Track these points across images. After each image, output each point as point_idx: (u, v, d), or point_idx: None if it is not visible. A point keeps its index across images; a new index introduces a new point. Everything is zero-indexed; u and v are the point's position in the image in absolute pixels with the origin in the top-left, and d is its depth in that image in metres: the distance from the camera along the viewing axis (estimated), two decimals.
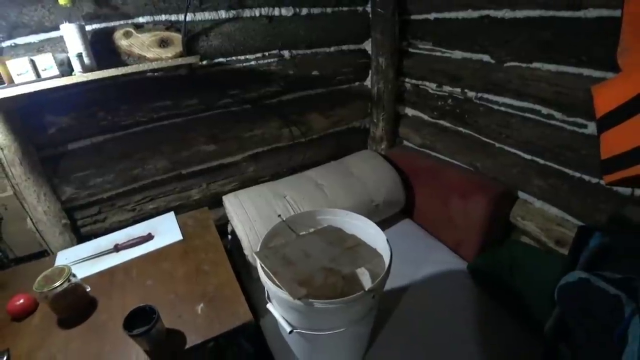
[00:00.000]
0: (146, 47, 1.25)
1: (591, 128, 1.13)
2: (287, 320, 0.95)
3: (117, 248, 1.26)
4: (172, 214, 1.45)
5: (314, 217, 1.20)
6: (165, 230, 1.36)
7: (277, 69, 1.54)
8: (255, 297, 1.35)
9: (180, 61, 1.18)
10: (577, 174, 1.20)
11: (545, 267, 1.21)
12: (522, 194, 1.39)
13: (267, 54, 1.52)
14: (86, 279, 1.13)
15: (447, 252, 1.51)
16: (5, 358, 0.89)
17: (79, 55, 1.00)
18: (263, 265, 0.95)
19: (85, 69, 1.03)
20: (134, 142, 1.39)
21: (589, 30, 1.04)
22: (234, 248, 1.58)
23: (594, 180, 1.16)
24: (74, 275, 1.00)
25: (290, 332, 0.93)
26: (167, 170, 1.49)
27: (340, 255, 1.01)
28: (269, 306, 1.00)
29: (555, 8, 1.10)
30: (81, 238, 1.39)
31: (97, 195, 1.39)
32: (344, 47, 1.69)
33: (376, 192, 1.60)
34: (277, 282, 0.89)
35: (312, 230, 1.16)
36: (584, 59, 1.09)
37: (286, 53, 1.55)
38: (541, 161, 1.29)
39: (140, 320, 0.86)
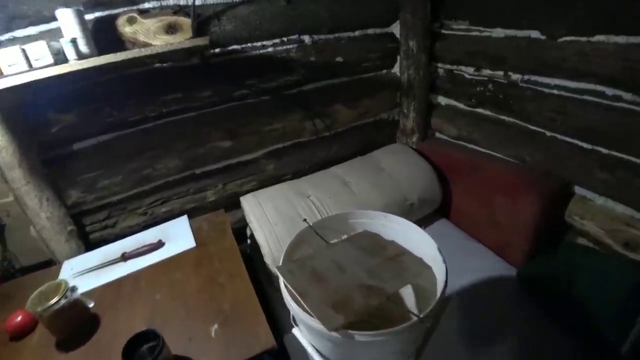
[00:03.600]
0: (152, 34, 1.13)
1: None
2: (317, 349, 0.81)
3: (124, 257, 1.14)
4: (185, 217, 1.33)
5: (346, 221, 1.06)
6: (177, 236, 1.24)
7: (297, 55, 1.40)
8: (278, 310, 1.22)
9: (188, 44, 1.04)
10: None
11: (615, 275, 1.04)
12: (580, 190, 1.21)
13: (285, 39, 1.38)
14: (91, 292, 1.03)
15: (491, 256, 1.34)
16: None
17: (73, 41, 0.88)
18: (287, 284, 0.80)
19: (81, 56, 0.91)
20: (143, 140, 1.27)
21: None
22: (254, 253, 1.45)
23: None
24: (73, 290, 0.89)
25: None
26: (180, 170, 1.37)
27: (381, 269, 0.86)
28: (295, 332, 0.86)
29: None
30: (90, 245, 1.29)
31: (105, 198, 1.28)
32: (370, 31, 1.54)
33: (410, 190, 1.45)
34: (305, 307, 0.73)
35: (344, 237, 1.01)
36: None
37: (306, 38, 1.41)
38: (604, 150, 1.11)
39: (144, 344, 0.74)
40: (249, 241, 1.53)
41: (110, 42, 1.07)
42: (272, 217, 1.30)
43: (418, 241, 0.96)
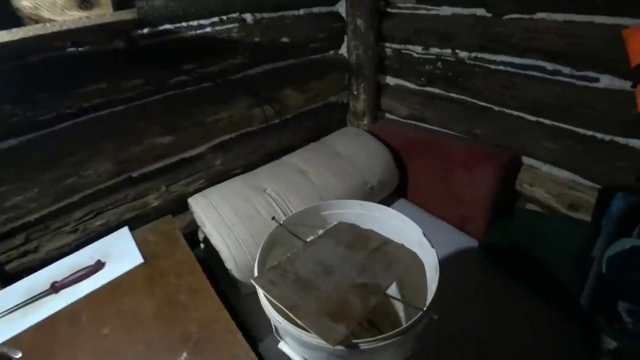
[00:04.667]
0: (60, 9, 0.89)
1: (604, 81, 1.04)
2: None
3: (55, 288, 0.93)
4: (125, 230, 1.14)
5: (318, 214, 0.98)
6: (119, 252, 1.05)
7: (239, 36, 1.26)
8: (249, 322, 1.11)
9: (110, 18, 0.84)
10: (590, 132, 1.11)
11: (567, 235, 1.13)
12: (527, 160, 1.29)
13: (225, 17, 1.22)
14: (17, 339, 0.82)
15: (452, 230, 1.38)
16: None
17: None
18: (271, 299, 0.69)
19: None
20: (62, 142, 1.04)
21: None
22: (209, 258, 1.31)
23: (607, 137, 1.08)
24: None
25: None
26: (113, 175, 1.16)
27: (369, 262, 0.81)
28: (283, 347, 0.76)
29: None
30: (8, 278, 1.03)
31: (20, 218, 1.03)
32: (315, 10, 1.44)
33: (369, 173, 1.42)
34: (300, 323, 0.64)
35: (320, 231, 0.94)
36: (599, 2, 0.98)
37: (248, 16, 1.27)
38: (548, 122, 1.19)
39: None
40: (202, 246, 1.38)
41: (5, 22, 0.83)
42: (228, 218, 1.17)
43: (397, 227, 0.93)
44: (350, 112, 1.72)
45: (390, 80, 1.66)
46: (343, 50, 1.60)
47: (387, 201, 1.54)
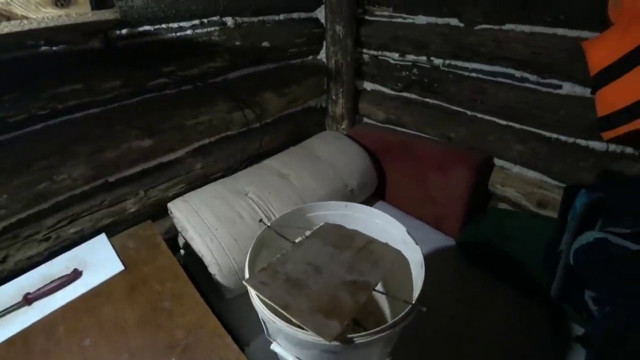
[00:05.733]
0: (34, 6, 0.85)
1: (566, 88, 1.13)
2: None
3: (28, 299, 0.88)
4: (103, 236, 1.10)
5: (304, 216, 0.99)
6: (97, 260, 1.01)
7: (220, 39, 1.25)
8: (234, 327, 1.09)
9: (92, 17, 0.81)
10: (555, 135, 1.20)
11: (536, 231, 1.20)
12: (498, 161, 1.37)
13: (206, 20, 1.21)
14: None
15: (429, 230, 1.43)
16: None
17: None
18: (265, 299, 0.70)
19: None
20: (33, 145, 0.99)
21: None
22: (190, 264, 1.28)
23: (571, 140, 1.17)
24: None
25: None
26: (89, 180, 1.11)
27: (357, 261, 0.83)
28: (275, 348, 0.76)
29: None
30: None
31: None
32: (295, 15, 1.46)
33: (349, 176, 1.45)
34: (295, 321, 0.65)
35: (307, 232, 0.95)
36: (562, 17, 1.06)
37: (229, 20, 1.27)
38: (517, 125, 1.27)
39: None
40: (182, 251, 1.35)
41: None
42: (210, 222, 1.15)
43: (381, 227, 0.96)
44: (329, 116, 1.74)
45: (368, 85, 1.70)
46: (322, 55, 1.63)
47: (367, 203, 1.54)
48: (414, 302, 0.70)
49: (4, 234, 0.99)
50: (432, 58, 1.40)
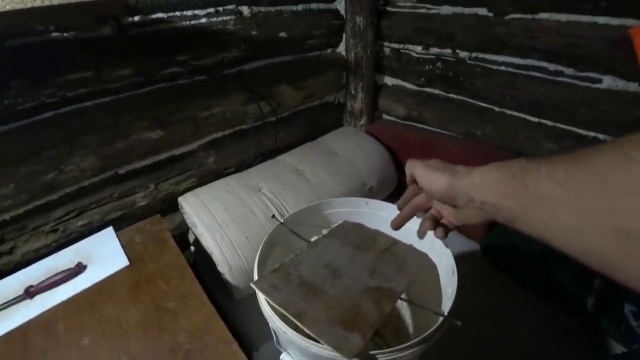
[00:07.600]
0: None
1: (607, 82, 1.04)
2: None
3: (29, 293, 0.84)
4: (110, 230, 1.06)
5: (321, 213, 0.92)
6: (103, 254, 0.97)
7: (235, 28, 1.21)
8: (243, 330, 1.03)
9: None
10: (592, 134, 1.11)
11: None
12: None
13: (221, 9, 1.17)
14: None
15: (451, 234, 1.34)
16: None
17: None
18: (274, 305, 0.62)
19: None
20: (41, 135, 0.96)
21: None
22: (200, 261, 1.24)
23: (610, 139, 1.08)
24: None
25: None
26: (98, 171, 1.08)
27: (380, 264, 0.76)
28: (285, 358, 0.69)
29: None
30: None
31: None
32: (313, 6, 1.40)
33: (368, 174, 1.38)
34: (310, 333, 0.57)
35: (324, 231, 0.88)
36: (603, 4, 0.97)
37: (245, 9, 1.22)
38: (550, 123, 1.18)
39: None
40: (192, 248, 1.31)
41: None
42: (221, 218, 1.10)
43: (404, 227, 0.89)
44: (347, 111, 1.68)
45: (388, 80, 1.63)
46: (341, 48, 1.56)
47: None
48: (446, 313, 0.62)
49: (11, 225, 0.97)
50: (457, 51, 1.32)
